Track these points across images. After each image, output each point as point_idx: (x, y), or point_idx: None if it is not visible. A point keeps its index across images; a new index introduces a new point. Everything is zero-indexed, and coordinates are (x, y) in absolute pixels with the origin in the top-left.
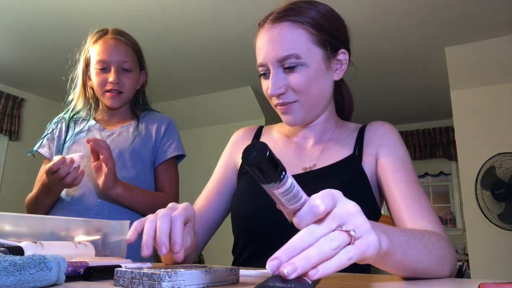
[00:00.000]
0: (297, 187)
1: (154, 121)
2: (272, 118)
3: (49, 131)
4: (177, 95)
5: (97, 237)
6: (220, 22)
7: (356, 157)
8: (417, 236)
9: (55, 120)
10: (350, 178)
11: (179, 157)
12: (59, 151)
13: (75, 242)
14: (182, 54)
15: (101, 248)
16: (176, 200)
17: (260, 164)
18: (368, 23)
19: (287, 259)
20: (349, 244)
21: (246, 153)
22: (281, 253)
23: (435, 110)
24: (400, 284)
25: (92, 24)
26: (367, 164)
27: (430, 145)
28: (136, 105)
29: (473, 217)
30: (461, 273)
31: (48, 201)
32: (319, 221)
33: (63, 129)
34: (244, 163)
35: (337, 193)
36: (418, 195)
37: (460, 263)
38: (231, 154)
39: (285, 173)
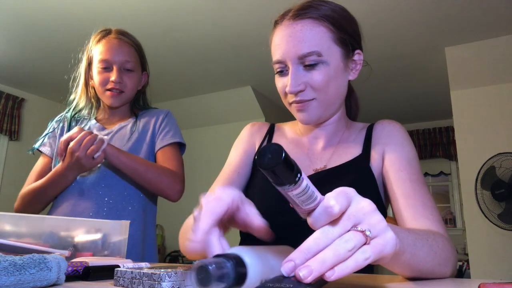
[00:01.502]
0: (312, 188)
1: (152, 115)
2: (272, 118)
3: (50, 130)
4: (177, 95)
5: (97, 237)
6: (220, 22)
7: (364, 157)
8: (423, 236)
9: (56, 118)
10: (358, 178)
11: (180, 146)
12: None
13: None
14: (182, 54)
15: (101, 248)
16: (181, 176)
17: (275, 167)
18: (368, 23)
19: (302, 261)
20: (365, 244)
21: (261, 154)
22: (296, 255)
23: (435, 110)
24: (401, 284)
25: (92, 24)
26: (374, 164)
27: (430, 145)
28: (135, 105)
29: (473, 217)
30: (461, 273)
31: (55, 191)
32: (334, 221)
33: (65, 127)
34: (258, 165)
35: (351, 191)
36: (422, 194)
37: (460, 263)
38: (250, 142)
39: (300, 175)
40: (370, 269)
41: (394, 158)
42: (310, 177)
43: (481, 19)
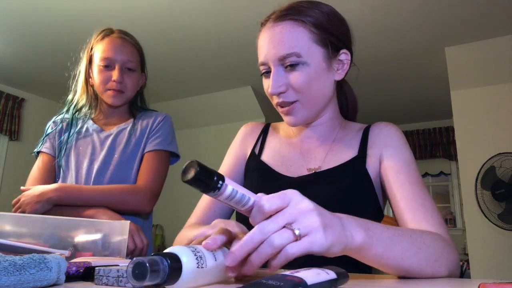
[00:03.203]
0: (240, 193)
1: (150, 118)
2: (272, 118)
3: (48, 131)
4: (177, 95)
5: (97, 237)
6: (220, 22)
7: (360, 159)
8: (405, 233)
9: (54, 119)
10: (354, 181)
11: (172, 155)
12: (61, 149)
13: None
14: (182, 54)
15: (101, 248)
16: (150, 190)
17: (192, 179)
18: (368, 23)
19: (242, 254)
20: (295, 240)
21: (183, 170)
22: (236, 248)
23: (435, 110)
24: (399, 284)
25: (92, 24)
26: (371, 166)
27: (430, 145)
28: (133, 106)
29: (473, 217)
30: (461, 273)
31: None
32: (270, 218)
33: (64, 127)
34: (181, 180)
35: (293, 193)
36: (422, 197)
37: (460, 263)
38: (242, 147)
39: (222, 183)
40: (368, 269)
41: (392, 161)
42: (305, 177)
43: (481, 19)
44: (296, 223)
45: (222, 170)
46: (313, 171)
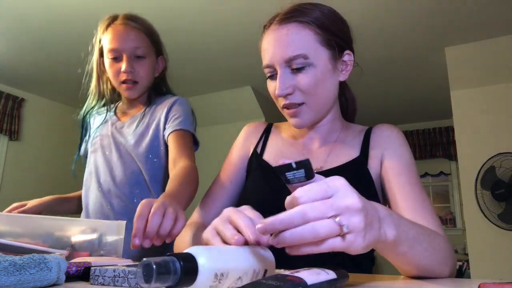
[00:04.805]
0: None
1: (162, 102)
2: (272, 119)
3: (81, 133)
4: (177, 95)
5: (93, 236)
6: (221, 22)
7: (362, 160)
8: (425, 232)
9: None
10: (356, 181)
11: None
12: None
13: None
14: (182, 54)
15: (97, 248)
16: (195, 166)
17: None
18: (368, 23)
19: (274, 229)
20: (338, 235)
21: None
22: (270, 221)
23: (435, 110)
24: (400, 284)
25: (92, 24)
26: (373, 167)
27: (430, 145)
28: (157, 93)
29: (473, 217)
30: (461, 273)
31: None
32: (314, 204)
33: (85, 125)
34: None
35: (339, 184)
36: (421, 199)
37: (460, 263)
38: (245, 146)
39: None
40: (368, 269)
41: (393, 163)
42: None
43: (481, 19)
44: (342, 218)
45: (225, 168)
46: (315, 172)
